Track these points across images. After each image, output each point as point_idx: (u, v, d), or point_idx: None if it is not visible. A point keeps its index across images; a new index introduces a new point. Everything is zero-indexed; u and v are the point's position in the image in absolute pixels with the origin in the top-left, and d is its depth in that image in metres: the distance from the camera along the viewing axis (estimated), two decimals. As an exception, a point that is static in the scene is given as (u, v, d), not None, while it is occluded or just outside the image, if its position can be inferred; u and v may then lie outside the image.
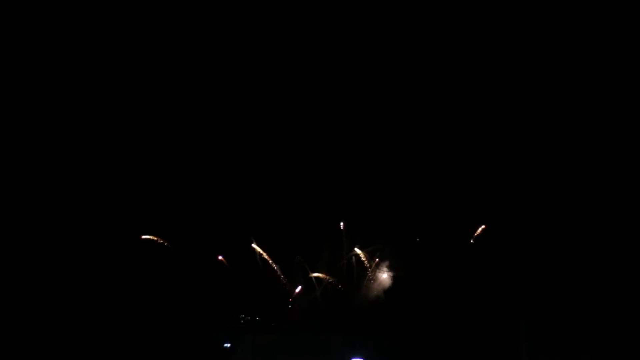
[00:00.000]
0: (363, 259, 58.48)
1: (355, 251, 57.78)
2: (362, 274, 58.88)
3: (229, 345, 52.59)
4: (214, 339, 52.83)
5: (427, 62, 54.33)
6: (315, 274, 57.92)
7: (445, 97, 54.29)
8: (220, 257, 58.26)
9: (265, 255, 57.96)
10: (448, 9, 52.76)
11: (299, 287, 58.07)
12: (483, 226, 53.05)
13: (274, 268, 58.20)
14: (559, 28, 50.27)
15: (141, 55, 55.95)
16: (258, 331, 55.59)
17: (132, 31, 55.32)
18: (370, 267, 58.28)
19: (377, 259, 58.25)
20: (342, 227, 58.02)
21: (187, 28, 56.03)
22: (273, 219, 57.26)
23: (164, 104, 56.51)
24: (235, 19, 55.71)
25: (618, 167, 48.86)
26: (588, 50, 49.79)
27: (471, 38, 53.16)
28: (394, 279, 57.20)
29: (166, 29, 55.67)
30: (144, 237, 55.85)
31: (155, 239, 56.67)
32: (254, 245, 57.94)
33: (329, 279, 57.65)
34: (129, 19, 54.86)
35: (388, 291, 57.35)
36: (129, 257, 54.49)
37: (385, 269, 58.15)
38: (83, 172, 55.19)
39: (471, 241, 53.15)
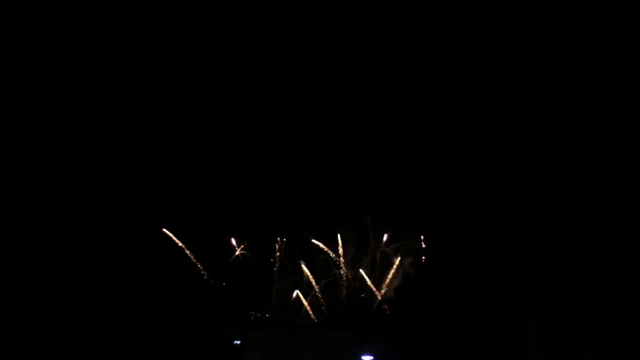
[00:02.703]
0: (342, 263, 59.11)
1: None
2: (387, 270, 59.59)
3: (239, 342, 52.94)
4: (224, 336, 53.03)
5: (431, 61, 55.05)
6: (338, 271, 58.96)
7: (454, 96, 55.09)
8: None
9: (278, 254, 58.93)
10: (448, 9, 53.23)
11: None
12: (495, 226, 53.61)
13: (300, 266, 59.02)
14: (559, 28, 50.87)
15: (141, 55, 56.03)
16: (268, 328, 56.44)
17: (132, 31, 55.26)
18: (394, 263, 58.89)
19: (401, 256, 58.98)
20: (368, 223, 58.86)
21: (187, 28, 56.11)
22: (301, 217, 57.80)
23: (181, 107, 56.91)
24: (235, 18, 55.89)
25: (622, 167, 49.19)
26: (588, 50, 50.40)
27: (471, 38, 53.80)
28: (406, 276, 58.04)
29: (166, 29, 55.71)
30: (163, 230, 56.24)
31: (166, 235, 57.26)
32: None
33: (350, 276, 58.41)
34: (129, 19, 54.78)
35: (399, 288, 58.14)
36: (141, 253, 54.77)
37: (408, 265, 58.76)
38: (85, 173, 55.14)
39: (483, 241, 53.56)
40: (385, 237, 59.65)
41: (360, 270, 59.73)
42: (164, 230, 57.94)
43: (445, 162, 56.12)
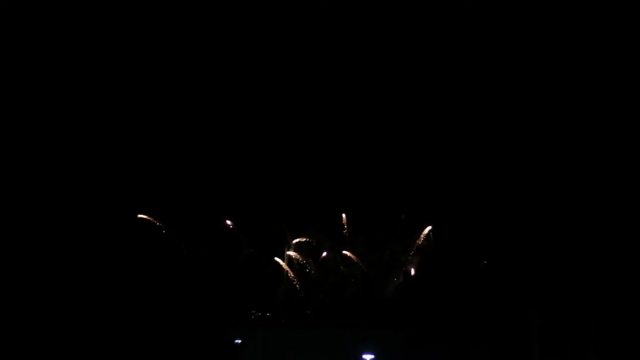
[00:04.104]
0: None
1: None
2: (396, 268, 59.56)
3: (239, 341, 52.88)
4: (225, 334, 53.04)
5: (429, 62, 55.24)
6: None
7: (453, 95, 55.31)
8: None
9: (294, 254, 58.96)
10: (448, 9, 53.41)
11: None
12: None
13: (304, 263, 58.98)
14: (559, 28, 51.13)
15: (140, 49, 56.00)
16: (269, 327, 56.20)
17: (132, 31, 55.31)
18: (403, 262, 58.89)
19: (410, 255, 58.91)
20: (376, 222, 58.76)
21: (187, 28, 56.18)
22: (310, 215, 57.77)
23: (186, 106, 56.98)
24: (236, 18, 55.98)
25: (624, 166, 49.37)
26: (588, 50, 50.73)
27: (471, 38, 54.01)
28: (410, 274, 58.15)
29: (166, 29, 55.78)
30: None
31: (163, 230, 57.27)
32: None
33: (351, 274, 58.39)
34: (129, 19, 54.82)
35: (400, 286, 58.17)
36: (144, 250, 54.73)
37: (414, 263, 58.71)
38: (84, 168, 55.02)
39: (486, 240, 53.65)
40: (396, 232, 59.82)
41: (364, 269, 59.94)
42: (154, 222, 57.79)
43: (453, 162, 56.29)
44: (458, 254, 55.26)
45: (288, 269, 59.42)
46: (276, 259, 59.34)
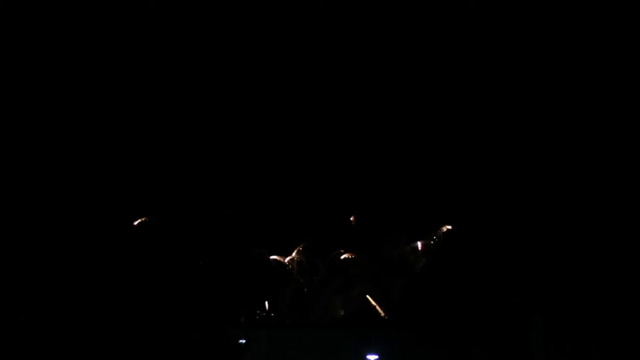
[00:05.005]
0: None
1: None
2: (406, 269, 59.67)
3: (243, 341, 53.14)
4: (229, 335, 53.33)
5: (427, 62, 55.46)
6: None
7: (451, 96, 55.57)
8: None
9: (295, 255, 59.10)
10: (448, 9, 53.63)
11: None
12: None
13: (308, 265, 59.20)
14: (559, 28, 51.40)
15: (136, 46, 56.01)
16: (273, 327, 56.49)
17: (132, 31, 55.35)
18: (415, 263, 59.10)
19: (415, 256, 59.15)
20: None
21: (187, 28, 56.24)
22: (321, 215, 57.80)
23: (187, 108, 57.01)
24: (236, 18, 56.05)
25: (622, 167, 49.70)
26: (588, 50, 51.11)
27: (471, 38, 54.25)
28: (415, 275, 58.39)
29: (166, 29, 55.82)
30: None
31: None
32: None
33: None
34: (129, 19, 54.85)
35: (406, 287, 58.38)
36: (149, 248, 54.92)
37: (420, 264, 58.83)
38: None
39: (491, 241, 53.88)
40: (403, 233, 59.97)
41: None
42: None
43: (462, 164, 56.44)
44: (464, 255, 55.50)
45: (296, 268, 59.65)
46: (282, 259, 59.56)
